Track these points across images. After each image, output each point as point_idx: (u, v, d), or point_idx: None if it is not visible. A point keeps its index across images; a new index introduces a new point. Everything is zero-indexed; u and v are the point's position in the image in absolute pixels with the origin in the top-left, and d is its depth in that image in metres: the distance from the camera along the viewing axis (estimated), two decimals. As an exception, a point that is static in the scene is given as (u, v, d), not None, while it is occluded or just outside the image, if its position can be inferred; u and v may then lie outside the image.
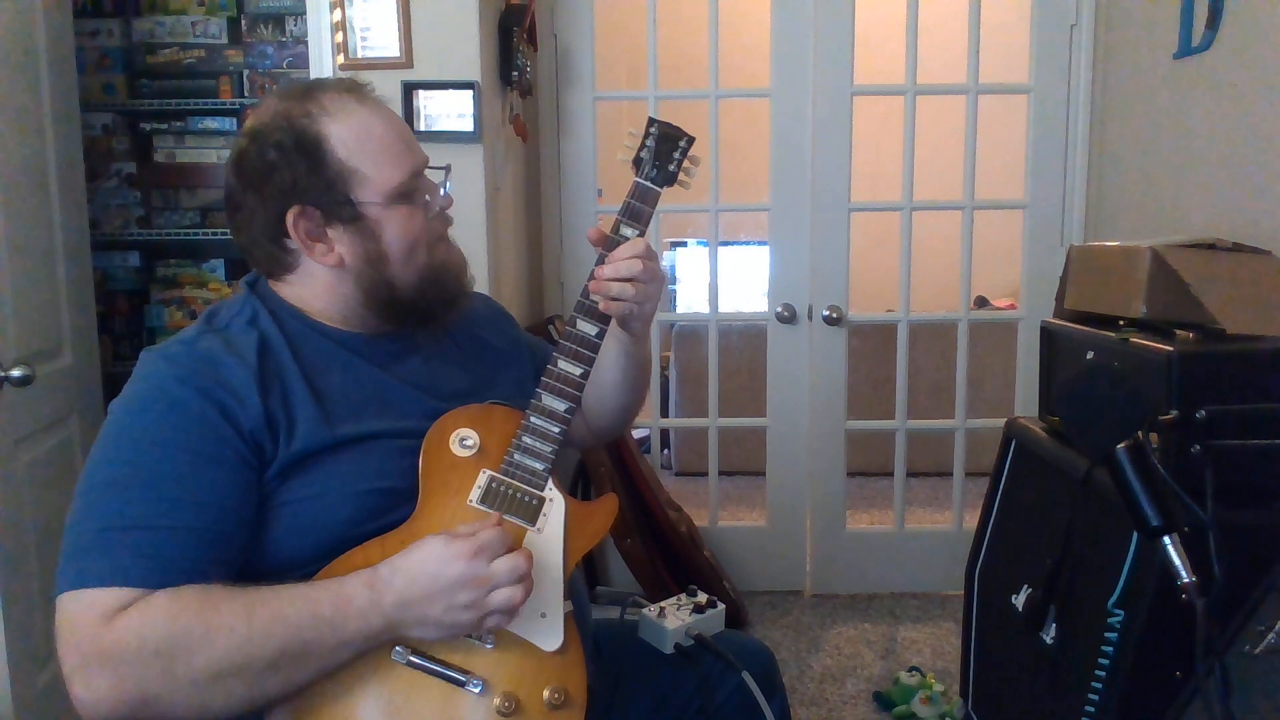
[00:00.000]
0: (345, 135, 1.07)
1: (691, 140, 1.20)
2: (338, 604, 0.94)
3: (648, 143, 1.18)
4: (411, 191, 1.11)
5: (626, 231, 1.16)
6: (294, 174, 1.05)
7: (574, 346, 1.14)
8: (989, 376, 3.62)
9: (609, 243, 1.16)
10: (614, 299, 1.14)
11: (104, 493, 0.97)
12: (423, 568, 0.96)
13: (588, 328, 1.15)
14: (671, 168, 1.18)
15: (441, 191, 1.16)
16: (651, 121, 1.19)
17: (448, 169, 1.19)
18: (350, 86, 1.11)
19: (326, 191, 1.06)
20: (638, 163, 1.18)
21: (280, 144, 1.05)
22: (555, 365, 1.14)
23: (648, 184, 1.17)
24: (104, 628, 0.90)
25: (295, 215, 1.06)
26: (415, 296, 1.13)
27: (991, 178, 2.93)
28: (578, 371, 1.14)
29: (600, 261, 1.15)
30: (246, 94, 2.80)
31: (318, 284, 1.12)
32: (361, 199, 1.08)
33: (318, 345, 1.11)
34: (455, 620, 0.96)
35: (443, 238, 1.17)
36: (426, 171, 1.15)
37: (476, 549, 0.95)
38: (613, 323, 1.18)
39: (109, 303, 2.85)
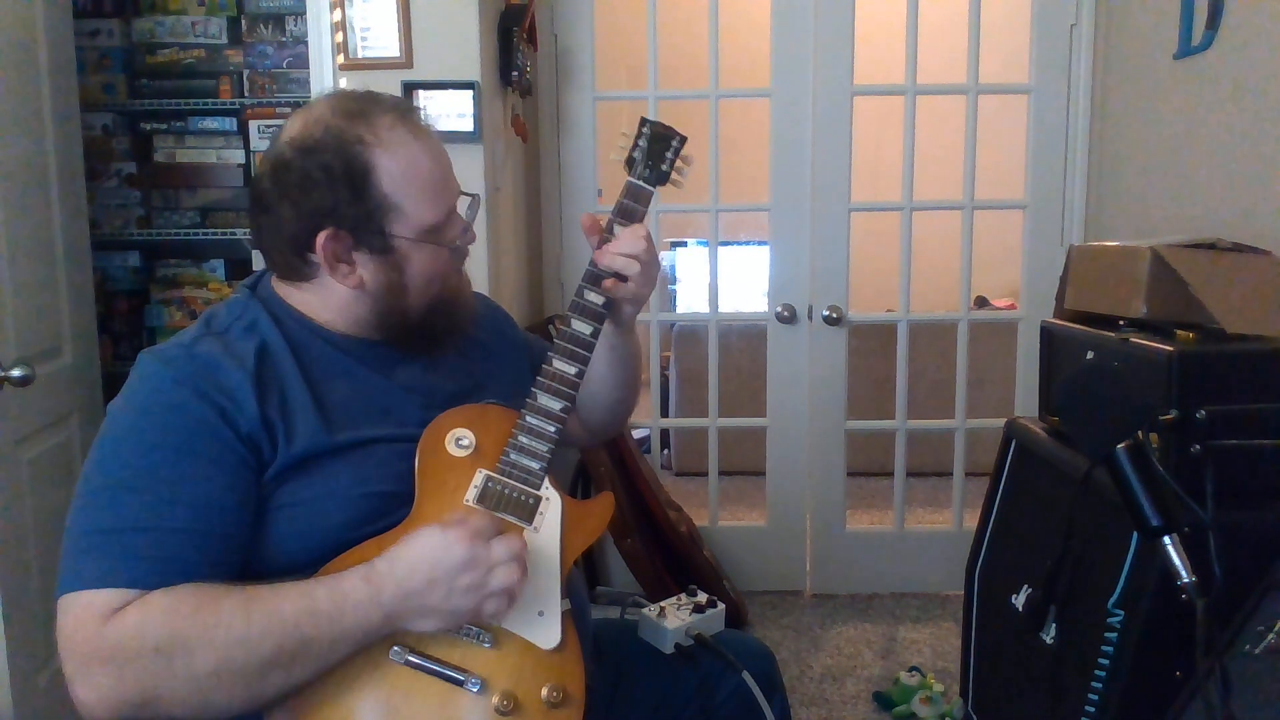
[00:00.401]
0: (393, 169, 1.06)
1: (683, 140, 1.20)
2: (335, 599, 0.94)
3: (640, 142, 1.19)
4: (442, 229, 1.11)
5: (619, 230, 1.17)
6: (335, 198, 1.05)
7: (569, 346, 1.15)
8: (989, 376, 3.61)
9: (602, 241, 1.16)
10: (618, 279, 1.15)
11: (102, 495, 0.97)
12: (423, 556, 0.96)
13: (582, 327, 1.15)
14: (664, 167, 1.19)
15: (468, 226, 1.16)
16: (644, 121, 1.20)
17: (475, 199, 1.18)
18: (405, 112, 1.10)
19: (363, 220, 1.06)
20: (630, 162, 1.19)
21: (328, 166, 1.04)
22: (550, 365, 1.14)
23: (640, 183, 1.18)
24: (102, 628, 0.91)
25: (326, 237, 1.06)
26: (423, 323, 1.14)
27: (991, 178, 2.92)
28: (572, 371, 1.14)
29: (593, 263, 1.16)
30: (246, 94, 2.80)
31: (331, 298, 1.12)
32: (395, 232, 1.08)
33: (321, 351, 1.11)
34: (456, 606, 0.96)
35: (458, 269, 1.18)
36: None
37: (474, 532, 0.96)
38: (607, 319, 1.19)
39: (109, 303, 2.85)
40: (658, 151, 1.18)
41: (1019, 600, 1.73)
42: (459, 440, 1.09)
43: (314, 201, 1.05)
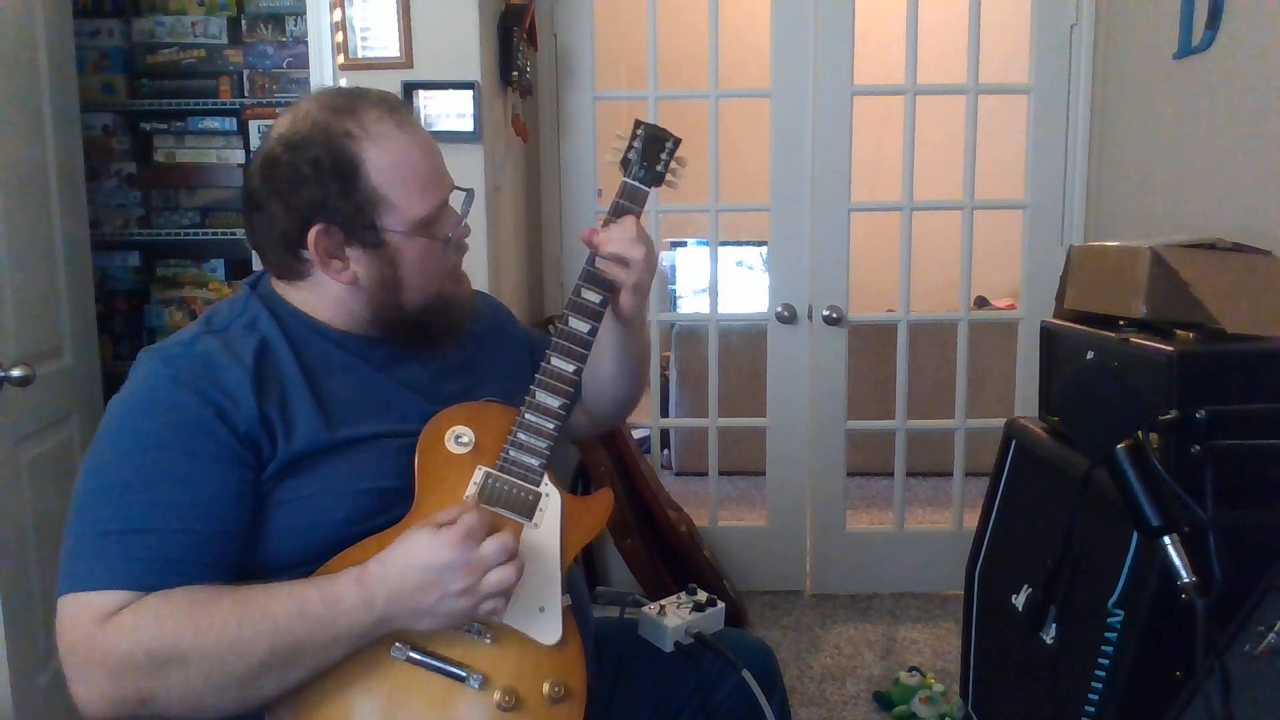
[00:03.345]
0: (381, 162, 1.06)
1: (678, 141, 1.22)
2: (328, 601, 0.94)
3: (634, 144, 1.21)
4: (434, 223, 1.11)
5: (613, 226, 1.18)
6: (324, 192, 1.05)
7: (566, 344, 1.15)
8: (989, 376, 3.62)
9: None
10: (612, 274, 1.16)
11: (101, 495, 0.97)
12: (413, 559, 0.95)
13: (580, 325, 1.16)
14: (659, 168, 1.21)
15: (462, 220, 1.16)
16: (638, 124, 1.22)
17: (470, 194, 1.18)
18: (392, 106, 1.10)
19: (354, 214, 1.06)
20: (625, 163, 1.21)
21: (316, 161, 1.04)
22: (549, 362, 1.14)
23: (635, 183, 1.20)
24: (99, 631, 0.91)
25: (318, 232, 1.06)
26: (419, 321, 1.14)
27: (991, 178, 2.93)
28: (570, 368, 1.14)
29: (590, 262, 1.17)
30: (246, 94, 2.80)
31: (326, 295, 1.12)
32: (386, 226, 1.08)
33: (320, 348, 1.11)
34: (451, 609, 0.96)
35: (455, 270, 1.18)
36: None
37: (464, 534, 0.95)
38: (610, 316, 1.19)
39: (109, 303, 2.85)
40: (653, 153, 1.20)
41: (1019, 600, 1.73)
42: (458, 437, 1.09)
43: (304, 197, 1.05)
